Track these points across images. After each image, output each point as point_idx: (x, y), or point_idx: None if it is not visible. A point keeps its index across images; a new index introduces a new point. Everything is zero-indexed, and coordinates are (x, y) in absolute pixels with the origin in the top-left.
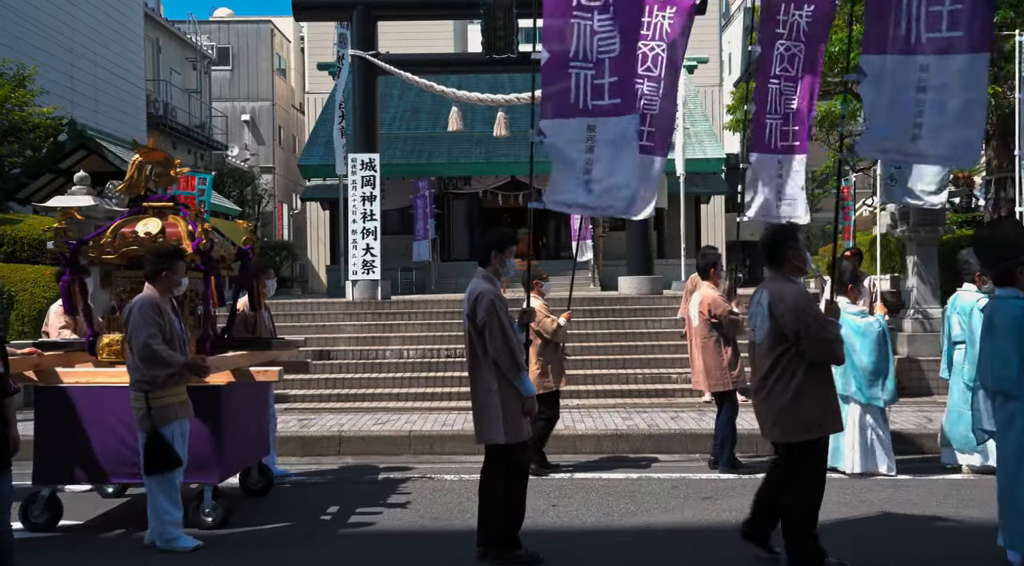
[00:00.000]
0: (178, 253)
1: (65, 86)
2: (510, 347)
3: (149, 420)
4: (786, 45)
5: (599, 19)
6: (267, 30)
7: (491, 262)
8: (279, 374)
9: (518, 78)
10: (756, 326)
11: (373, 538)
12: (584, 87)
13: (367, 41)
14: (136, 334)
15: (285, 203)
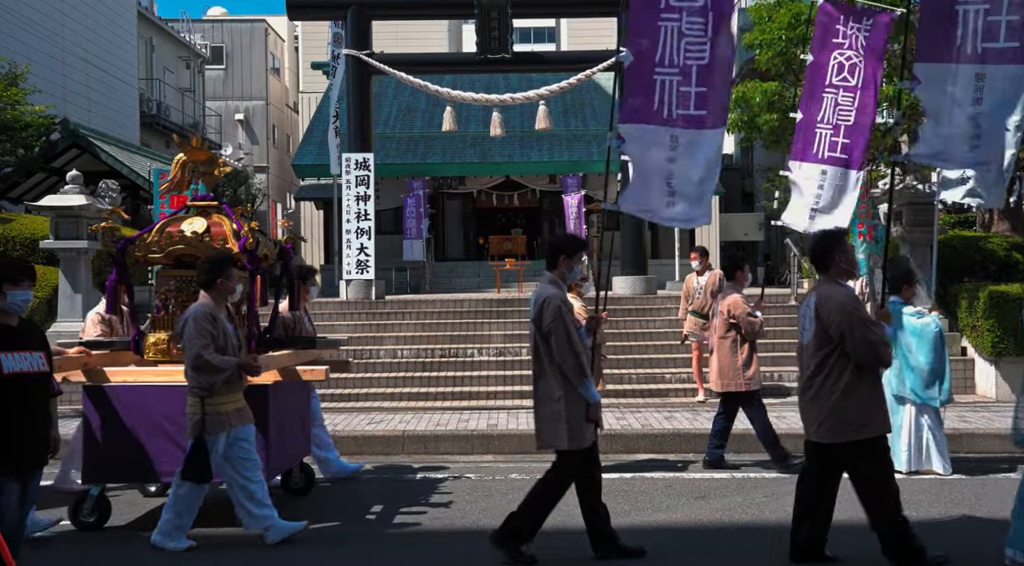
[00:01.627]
0: (232, 260)
1: (58, 85)
2: (576, 353)
3: (200, 427)
4: (847, 55)
5: (688, 21)
6: (261, 29)
7: (558, 266)
8: (326, 373)
9: (513, 78)
10: (804, 328)
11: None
12: (670, 94)
13: (361, 40)
14: (190, 345)
15: (279, 202)
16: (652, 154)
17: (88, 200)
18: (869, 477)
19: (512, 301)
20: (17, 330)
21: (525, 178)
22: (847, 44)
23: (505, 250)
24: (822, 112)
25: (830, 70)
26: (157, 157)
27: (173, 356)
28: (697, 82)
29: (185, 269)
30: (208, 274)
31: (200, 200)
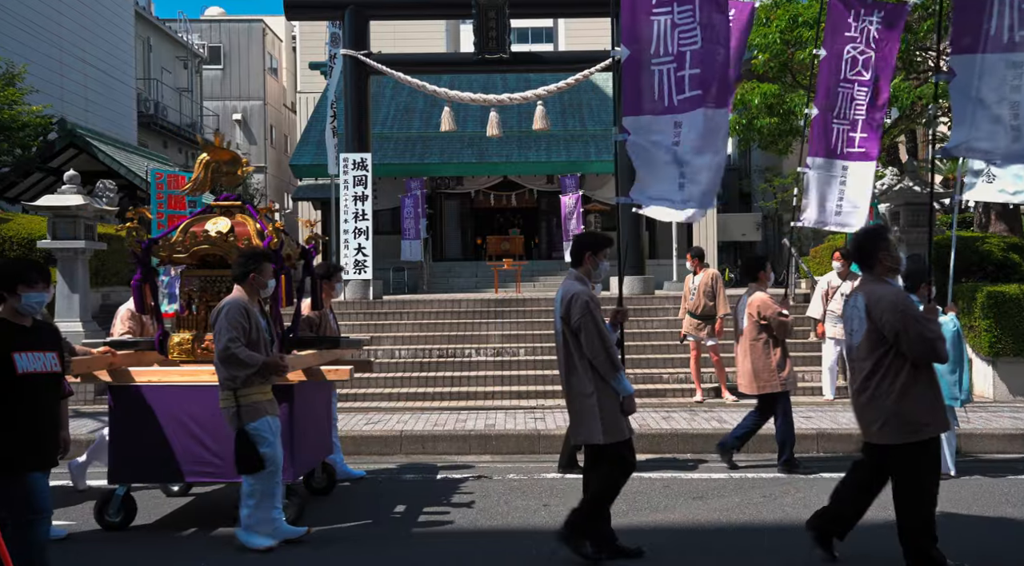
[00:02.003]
0: (266, 255)
1: (55, 85)
2: (606, 347)
3: (239, 419)
4: (860, 49)
5: (679, 11)
6: (259, 29)
7: (584, 263)
8: (350, 373)
9: (510, 78)
10: (853, 329)
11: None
12: (667, 82)
13: (359, 40)
14: (219, 336)
15: (277, 202)
16: (658, 143)
17: (85, 200)
18: (917, 481)
19: (510, 301)
20: (31, 330)
21: (523, 178)
22: (859, 38)
23: (503, 250)
24: (837, 107)
25: (843, 65)
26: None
27: (197, 356)
28: (691, 65)
29: (209, 269)
30: (241, 268)
31: (224, 200)
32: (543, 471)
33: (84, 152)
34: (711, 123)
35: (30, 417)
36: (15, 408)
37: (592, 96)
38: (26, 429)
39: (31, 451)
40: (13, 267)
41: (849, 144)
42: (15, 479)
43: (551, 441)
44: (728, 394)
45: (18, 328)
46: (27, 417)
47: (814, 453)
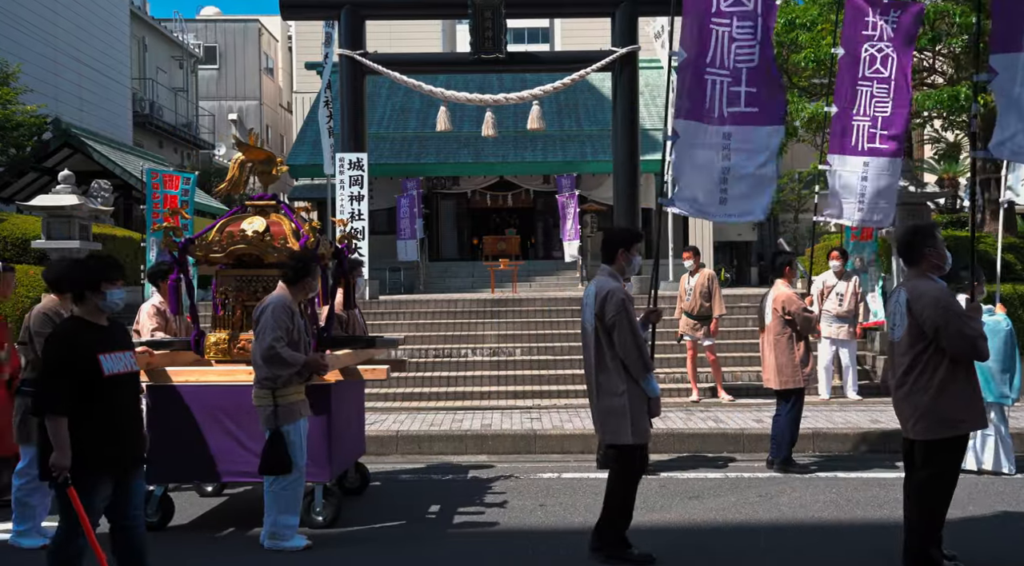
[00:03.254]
0: (318, 259)
1: (50, 84)
2: (639, 346)
3: (275, 419)
4: (878, 46)
5: (738, 26)
6: (254, 29)
7: (617, 259)
8: (387, 372)
9: (506, 78)
10: (895, 324)
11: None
12: (720, 93)
13: (355, 40)
14: (263, 334)
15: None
16: (704, 151)
17: (80, 200)
18: (941, 478)
19: (506, 301)
20: (108, 330)
21: (519, 178)
22: (877, 36)
23: (499, 250)
24: (857, 105)
25: (862, 63)
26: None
27: (234, 355)
28: (747, 83)
29: (245, 268)
30: (296, 271)
31: (258, 199)
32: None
33: (79, 152)
34: (762, 138)
35: (116, 417)
36: (102, 409)
37: (588, 96)
38: (113, 430)
39: (121, 451)
40: (96, 265)
41: (870, 140)
42: (109, 480)
43: (547, 441)
44: (724, 394)
45: (98, 328)
46: (113, 418)
47: (810, 452)
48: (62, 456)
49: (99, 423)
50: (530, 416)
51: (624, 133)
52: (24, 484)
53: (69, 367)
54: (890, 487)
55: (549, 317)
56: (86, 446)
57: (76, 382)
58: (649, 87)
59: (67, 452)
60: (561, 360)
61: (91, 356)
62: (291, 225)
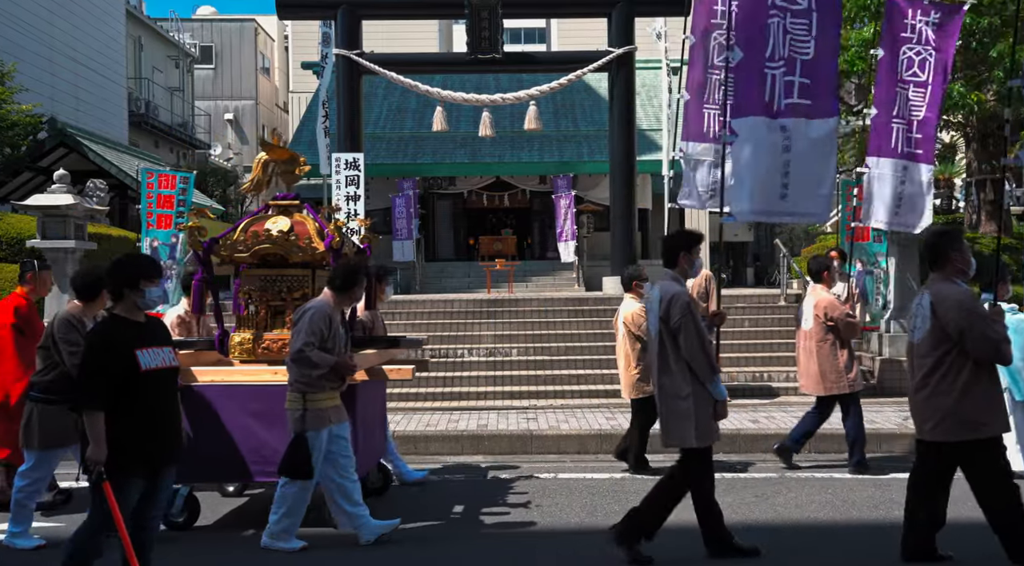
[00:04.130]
0: (364, 270)
1: (45, 83)
2: (705, 349)
3: (302, 423)
4: (916, 50)
5: (792, 20)
6: (251, 28)
7: (679, 263)
8: (412, 372)
9: (503, 78)
10: (916, 326)
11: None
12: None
13: (351, 40)
14: (297, 337)
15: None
16: (765, 147)
17: (75, 200)
18: (987, 477)
19: (502, 301)
20: (146, 326)
21: (515, 178)
22: (915, 39)
23: (495, 250)
24: (896, 107)
25: (900, 65)
26: (145, 157)
27: (258, 355)
28: (801, 73)
29: (269, 268)
30: (345, 280)
31: (282, 199)
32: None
33: (74, 151)
34: (818, 131)
35: (153, 413)
36: (139, 404)
37: (584, 96)
38: (150, 425)
39: (155, 449)
40: (135, 263)
41: (907, 144)
42: (142, 476)
43: (543, 441)
44: None
45: (136, 324)
46: (151, 413)
47: (805, 453)
48: (98, 450)
49: (137, 418)
50: (526, 416)
51: (621, 133)
52: (25, 486)
53: (106, 363)
54: (886, 488)
55: (545, 317)
56: (124, 442)
57: (113, 378)
58: (646, 88)
59: (103, 447)
60: (557, 360)
61: (128, 352)
62: (315, 224)
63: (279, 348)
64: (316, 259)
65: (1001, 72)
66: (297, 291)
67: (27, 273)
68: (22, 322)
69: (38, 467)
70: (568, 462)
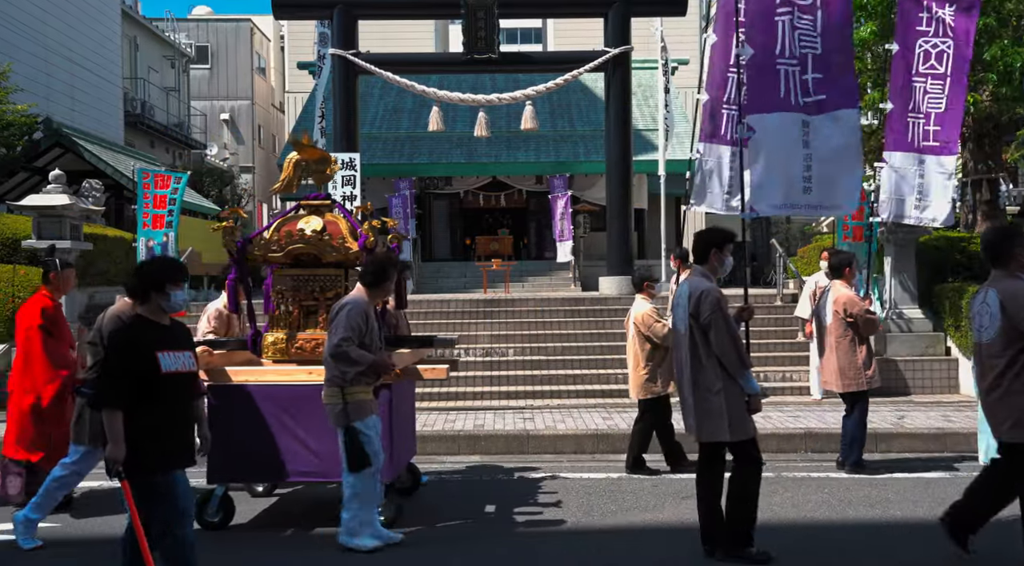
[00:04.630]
0: (395, 265)
1: (41, 83)
2: (736, 344)
3: (345, 416)
4: (932, 42)
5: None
6: (247, 28)
7: (710, 259)
8: (447, 372)
9: (499, 78)
10: (983, 326)
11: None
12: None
13: (347, 40)
14: (335, 333)
15: (265, 203)
16: (785, 140)
17: (71, 200)
18: None
19: (499, 301)
20: (169, 329)
21: (512, 178)
22: (932, 31)
23: (492, 250)
24: (912, 101)
25: (916, 59)
26: (141, 157)
27: (291, 355)
28: (813, 69)
29: (301, 268)
30: (376, 276)
31: (312, 199)
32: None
33: (70, 151)
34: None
35: (170, 416)
36: (157, 407)
37: (581, 96)
38: (166, 428)
39: (171, 450)
40: (161, 266)
41: (925, 137)
42: (157, 478)
43: (540, 441)
44: None
45: (160, 327)
46: (168, 416)
47: (802, 452)
48: (116, 449)
49: (156, 420)
50: (523, 416)
51: (617, 133)
52: (62, 476)
53: (129, 363)
54: (882, 487)
55: (542, 317)
56: (143, 442)
57: (135, 378)
58: (642, 88)
59: (121, 446)
60: (554, 360)
61: (150, 354)
62: (347, 224)
63: (312, 348)
64: (350, 259)
65: (995, 74)
66: (330, 291)
67: (50, 273)
68: (49, 323)
69: (81, 462)
70: (564, 462)
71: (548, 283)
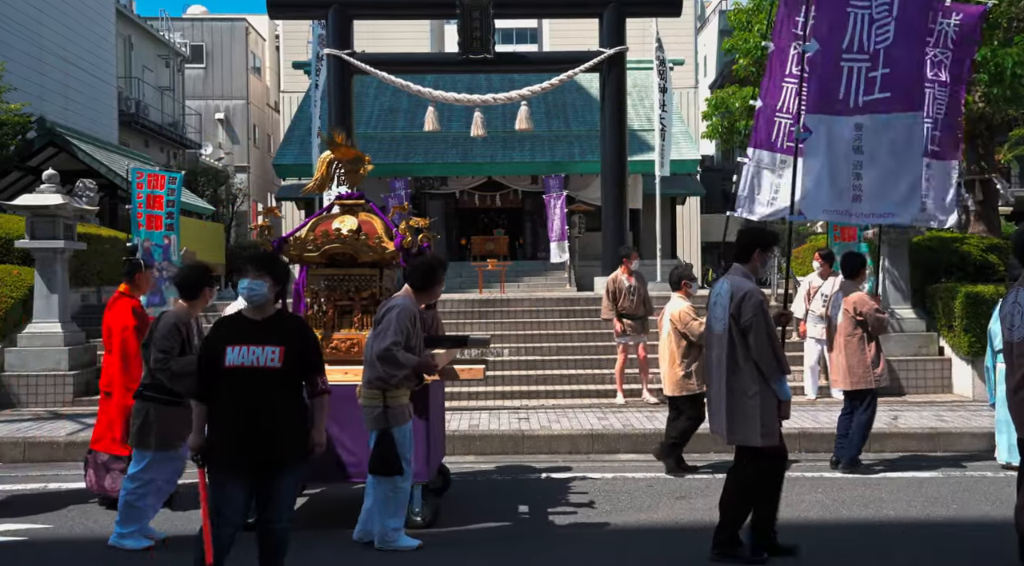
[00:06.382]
0: (442, 267)
1: (35, 83)
2: (775, 348)
3: (385, 419)
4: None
5: (877, 5)
6: (242, 28)
7: (752, 259)
8: (483, 372)
9: (495, 78)
10: (1015, 325)
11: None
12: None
13: (343, 40)
14: (384, 335)
15: (260, 202)
16: (837, 144)
17: (65, 199)
18: None
19: (494, 301)
20: (261, 324)
21: (507, 178)
22: (933, 41)
23: (487, 250)
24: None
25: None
26: (136, 156)
27: (326, 355)
28: (884, 64)
29: (336, 268)
30: (424, 278)
31: (347, 198)
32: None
33: (64, 151)
34: (897, 127)
35: (236, 410)
36: (223, 400)
37: (576, 97)
38: (232, 422)
39: (240, 446)
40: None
41: (931, 142)
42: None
43: (535, 441)
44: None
45: (245, 321)
46: (233, 410)
47: (796, 452)
48: (193, 437)
49: (221, 414)
50: (518, 416)
51: (612, 133)
52: (135, 488)
53: (203, 355)
54: (875, 487)
55: (537, 317)
56: (212, 436)
57: (205, 370)
58: (637, 88)
59: (198, 435)
60: (549, 360)
61: (220, 347)
62: (382, 223)
63: (347, 348)
64: (385, 259)
65: (986, 75)
66: (365, 291)
67: (135, 272)
68: (141, 323)
69: (150, 469)
70: (560, 462)
71: (543, 283)
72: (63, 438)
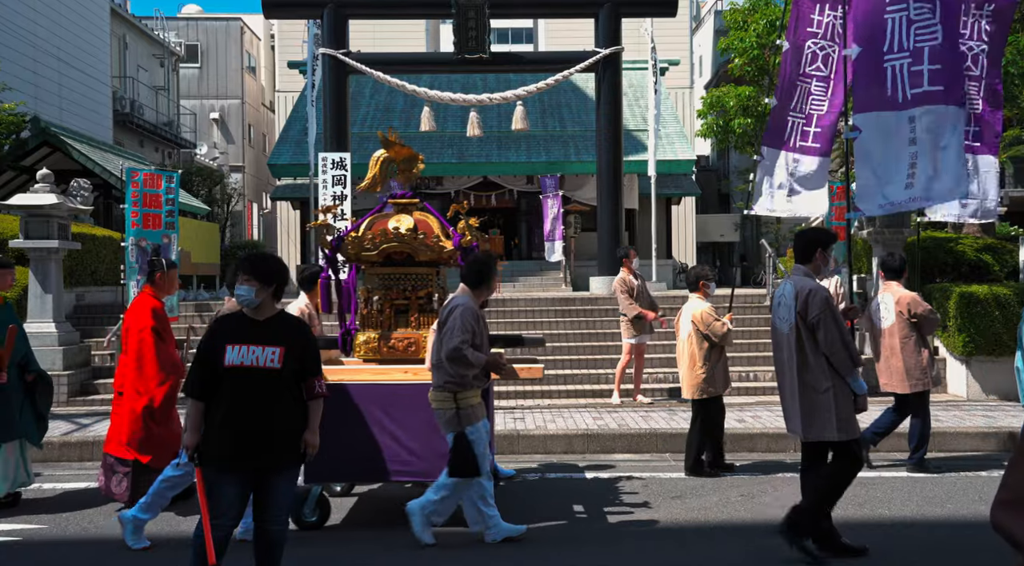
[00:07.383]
0: (496, 261)
1: (29, 82)
2: (846, 343)
3: (458, 421)
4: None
5: (915, 8)
6: (236, 27)
7: (814, 259)
8: (542, 371)
9: (490, 78)
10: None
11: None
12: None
13: (338, 39)
14: (451, 336)
15: (255, 202)
16: (892, 140)
17: (59, 199)
18: None
19: (490, 301)
20: (262, 324)
21: (503, 178)
22: (968, 34)
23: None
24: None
25: None
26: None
27: (383, 354)
28: (930, 61)
29: (393, 266)
30: (479, 275)
31: (400, 197)
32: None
33: (58, 151)
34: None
35: (233, 410)
36: (220, 399)
37: (572, 97)
38: (229, 422)
39: (236, 447)
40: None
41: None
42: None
43: (530, 442)
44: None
45: (245, 321)
46: (230, 409)
47: (791, 452)
48: (188, 435)
49: (218, 413)
50: (513, 416)
51: (608, 134)
52: (173, 476)
53: (202, 354)
54: (870, 486)
55: (533, 317)
56: (207, 434)
57: (203, 368)
58: (633, 88)
59: (193, 434)
60: (544, 360)
61: (220, 345)
62: (438, 222)
63: (405, 347)
64: (443, 257)
65: None
66: (422, 290)
67: (157, 273)
68: (160, 324)
69: None
70: (555, 461)
71: (539, 283)
72: (57, 438)
